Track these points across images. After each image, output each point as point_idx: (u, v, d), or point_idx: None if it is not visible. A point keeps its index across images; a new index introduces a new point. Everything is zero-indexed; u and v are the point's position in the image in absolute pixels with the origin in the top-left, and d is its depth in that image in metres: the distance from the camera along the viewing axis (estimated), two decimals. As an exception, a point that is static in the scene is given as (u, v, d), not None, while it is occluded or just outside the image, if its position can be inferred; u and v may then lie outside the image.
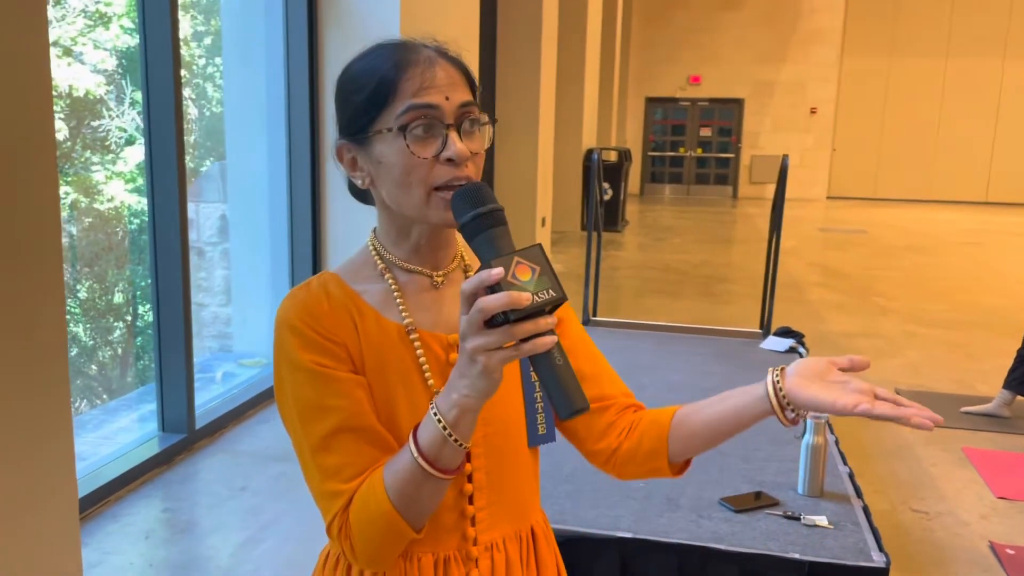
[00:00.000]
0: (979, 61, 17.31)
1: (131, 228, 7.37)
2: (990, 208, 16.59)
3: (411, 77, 0.95)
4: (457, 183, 0.94)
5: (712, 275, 8.86)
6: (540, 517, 1.14)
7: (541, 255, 0.83)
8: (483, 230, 0.87)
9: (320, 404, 0.95)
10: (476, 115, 0.97)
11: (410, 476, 0.90)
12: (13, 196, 2.02)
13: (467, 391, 0.85)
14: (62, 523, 2.27)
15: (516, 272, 0.81)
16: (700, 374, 3.56)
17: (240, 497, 3.23)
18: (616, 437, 1.11)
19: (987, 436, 4.29)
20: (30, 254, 2.10)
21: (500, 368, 0.84)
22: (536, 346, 0.81)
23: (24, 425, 2.12)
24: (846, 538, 2.12)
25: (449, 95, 0.95)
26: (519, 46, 8.58)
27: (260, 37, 4.66)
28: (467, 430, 0.89)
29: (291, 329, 0.97)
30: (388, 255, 1.04)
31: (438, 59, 0.97)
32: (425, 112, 0.94)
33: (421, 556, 1.01)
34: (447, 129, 0.94)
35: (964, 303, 7.65)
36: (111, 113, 7.26)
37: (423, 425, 0.91)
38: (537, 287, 0.81)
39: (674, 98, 18.23)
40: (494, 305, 0.80)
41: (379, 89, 0.95)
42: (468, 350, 0.83)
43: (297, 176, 4.67)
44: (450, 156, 0.94)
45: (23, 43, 2.01)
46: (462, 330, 0.83)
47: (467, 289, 0.82)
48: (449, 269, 1.05)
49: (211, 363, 4.79)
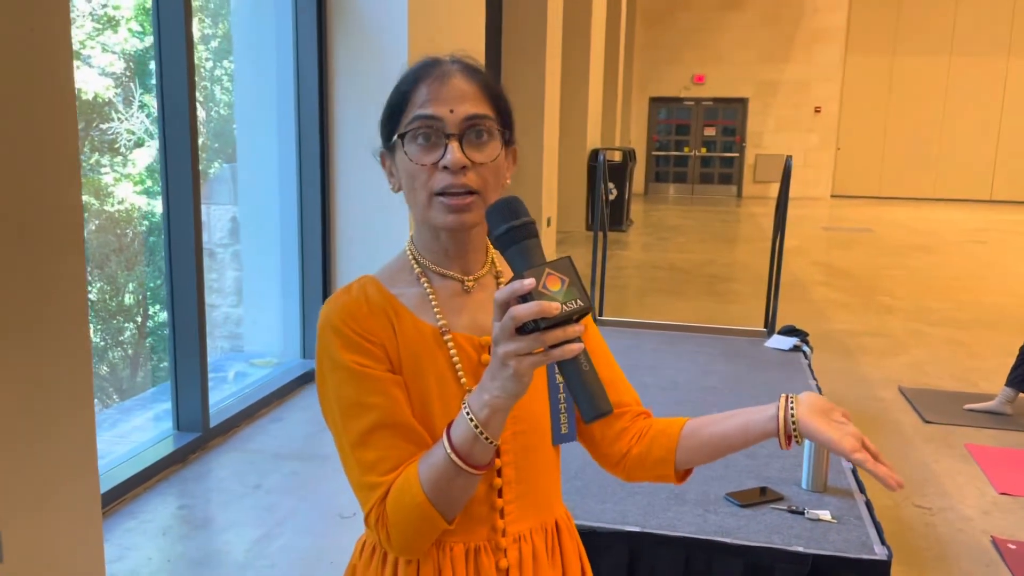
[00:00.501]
0: (983, 59, 17.31)
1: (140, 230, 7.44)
2: (994, 206, 16.59)
3: (420, 91, 1.02)
4: (454, 190, 1.01)
5: (716, 274, 8.90)
6: (563, 511, 1.20)
7: (570, 267, 0.88)
8: (516, 242, 0.92)
9: (359, 401, 1.02)
10: (484, 127, 1.03)
11: (443, 470, 0.96)
12: (40, 188, 2.08)
13: (498, 392, 0.91)
14: (84, 516, 2.33)
15: (547, 282, 0.87)
16: (705, 372, 3.61)
17: (254, 494, 3.30)
18: (627, 442, 1.18)
19: (989, 433, 4.34)
20: (53, 245, 2.16)
21: (530, 372, 0.89)
22: (564, 352, 0.87)
23: (46, 417, 2.18)
24: (849, 532, 2.17)
25: (455, 107, 1.01)
26: (524, 47, 8.63)
27: (270, 40, 4.72)
28: (497, 429, 0.95)
29: (333, 330, 1.04)
30: (422, 259, 1.10)
31: (455, 73, 1.03)
32: (426, 122, 1.01)
33: (453, 546, 1.07)
34: (448, 139, 1.01)
35: (968, 302, 7.68)
36: (120, 116, 7.33)
37: (456, 423, 0.97)
38: (566, 297, 0.87)
39: (678, 98, 18.26)
40: (525, 313, 0.85)
41: (397, 100, 1.04)
42: (500, 355, 0.89)
43: (307, 178, 4.73)
44: (445, 164, 1.00)
45: (47, 44, 2.07)
46: (495, 336, 0.89)
47: (500, 298, 0.87)
48: (480, 274, 1.11)
49: (223, 363, 4.86)
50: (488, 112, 1.04)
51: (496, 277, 1.14)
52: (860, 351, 5.94)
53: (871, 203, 16.94)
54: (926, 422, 4.49)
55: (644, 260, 9.77)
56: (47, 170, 2.11)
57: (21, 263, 2.05)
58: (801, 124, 17.76)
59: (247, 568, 2.76)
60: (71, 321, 2.22)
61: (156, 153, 7.14)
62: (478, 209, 1.03)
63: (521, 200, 0.95)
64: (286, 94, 4.70)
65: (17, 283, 2.05)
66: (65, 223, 2.18)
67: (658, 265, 9.42)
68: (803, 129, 17.77)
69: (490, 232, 0.94)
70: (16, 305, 2.05)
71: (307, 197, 4.75)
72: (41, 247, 2.11)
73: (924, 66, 17.57)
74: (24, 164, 2.04)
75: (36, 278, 2.10)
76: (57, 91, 2.11)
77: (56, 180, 2.14)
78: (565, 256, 0.90)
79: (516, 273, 0.89)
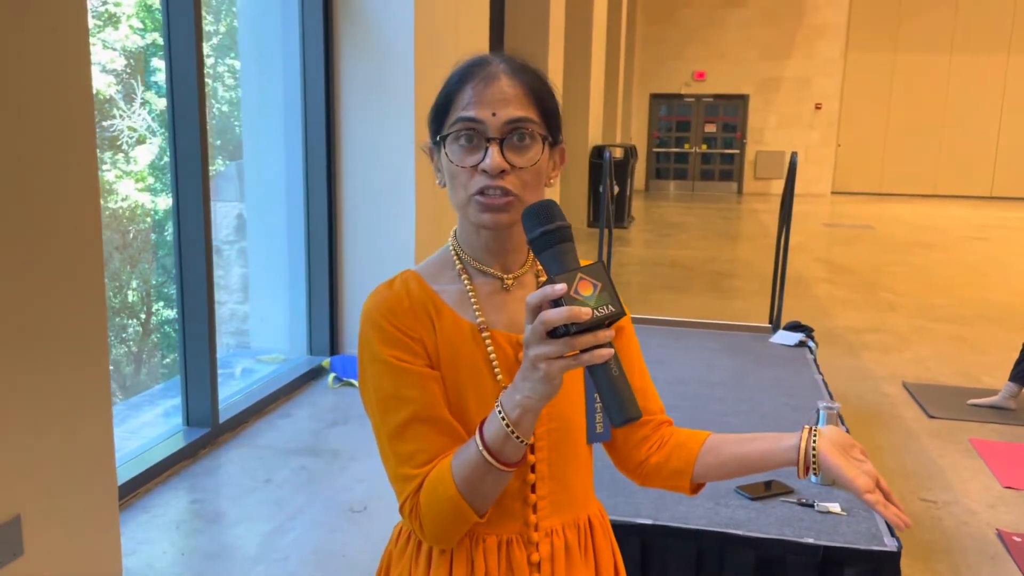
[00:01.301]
0: (983, 56, 17.33)
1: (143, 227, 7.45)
2: (995, 203, 16.61)
3: (465, 91, 1.03)
4: (491, 192, 1.02)
5: (719, 271, 8.92)
6: (597, 508, 1.22)
7: (603, 272, 0.89)
8: (550, 246, 0.93)
9: (397, 395, 1.04)
10: (527, 130, 1.03)
11: (475, 466, 0.99)
12: (58, 182, 2.10)
13: (529, 393, 0.93)
14: (102, 511, 2.35)
15: (579, 287, 0.88)
16: (711, 368, 3.63)
17: (265, 489, 3.32)
18: (647, 450, 1.21)
19: (993, 427, 4.36)
20: (72, 244, 2.18)
21: (560, 375, 0.91)
22: (594, 357, 0.88)
23: (65, 414, 2.20)
24: (859, 524, 2.19)
25: (497, 111, 1.02)
26: (526, 43, 8.64)
27: (276, 37, 4.74)
28: (528, 428, 0.96)
29: (373, 324, 1.06)
30: (464, 255, 1.12)
31: (500, 75, 1.04)
32: (468, 125, 1.02)
33: (486, 538, 1.09)
34: (488, 142, 1.02)
35: (970, 298, 7.70)
36: (121, 113, 7.34)
37: (489, 421, 0.99)
38: (598, 302, 0.88)
39: (679, 94, 18.27)
40: (556, 318, 0.87)
41: (443, 99, 1.06)
42: (531, 357, 0.90)
43: (313, 175, 4.75)
44: (484, 168, 1.02)
45: (68, 43, 2.09)
46: (526, 339, 0.91)
47: (532, 302, 0.89)
48: (519, 273, 1.13)
49: (230, 359, 4.88)
50: (531, 115, 1.04)
51: (536, 276, 1.15)
52: (863, 347, 5.97)
53: (872, 200, 16.96)
54: (930, 417, 4.51)
55: (647, 257, 9.79)
56: (67, 169, 2.13)
57: (41, 262, 2.07)
58: (802, 121, 17.77)
59: (260, 561, 2.79)
60: (89, 319, 2.24)
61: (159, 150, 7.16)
62: (515, 210, 1.04)
63: (556, 204, 0.96)
64: (292, 91, 4.72)
65: (38, 283, 2.07)
66: (83, 222, 2.20)
67: (660, 262, 9.44)
68: (804, 126, 17.78)
69: (526, 235, 0.95)
70: (37, 305, 2.07)
71: (313, 193, 4.77)
72: (60, 246, 2.13)
73: (925, 63, 17.58)
74: (45, 163, 2.06)
75: (56, 277, 2.12)
76: (78, 90, 2.13)
77: (75, 178, 2.16)
78: (598, 261, 0.91)
79: (549, 277, 0.90)
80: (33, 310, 2.06)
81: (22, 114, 1.96)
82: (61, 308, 2.15)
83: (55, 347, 2.14)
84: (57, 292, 2.13)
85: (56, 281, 2.13)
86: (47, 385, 2.13)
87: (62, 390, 2.18)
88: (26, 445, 2.07)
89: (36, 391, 2.09)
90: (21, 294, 2.02)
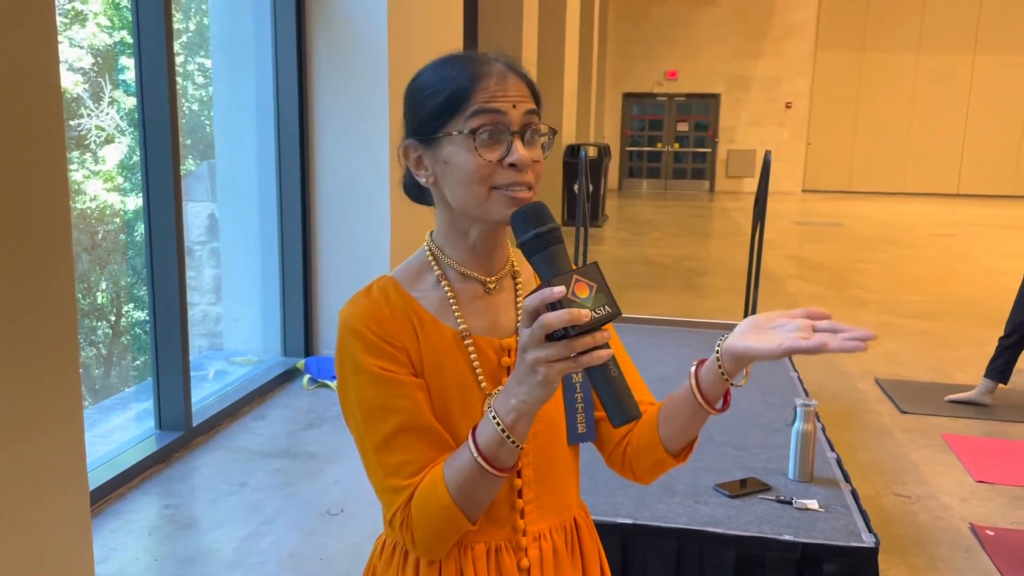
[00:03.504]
0: (950, 56, 17.60)
1: (112, 227, 7.34)
2: (962, 200, 16.88)
3: (485, 87, 1.01)
4: (518, 187, 1.00)
5: (693, 269, 8.97)
6: (581, 509, 1.21)
7: (598, 273, 0.89)
8: (542, 248, 0.92)
9: (383, 405, 1.02)
10: (538, 126, 1.04)
11: (469, 474, 0.97)
12: (28, 186, 2.06)
13: (525, 397, 0.92)
14: (73, 517, 2.30)
15: (575, 289, 0.87)
16: (687, 366, 3.63)
17: (240, 492, 3.28)
18: (627, 438, 1.19)
19: (965, 422, 4.42)
20: (41, 245, 2.13)
21: (559, 378, 0.90)
22: (593, 359, 0.87)
23: (34, 419, 2.16)
24: (836, 520, 2.21)
25: (516, 103, 1.02)
26: (500, 42, 8.63)
27: (248, 35, 4.68)
28: (523, 432, 0.95)
29: (354, 334, 1.03)
30: (444, 258, 1.09)
31: (509, 73, 1.04)
32: (493, 117, 1.00)
33: (474, 545, 1.08)
34: (512, 136, 1.01)
35: (939, 293, 7.82)
36: (89, 112, 7.22)
37: (481, 427, 0.97)
38: (595, 304, 0.87)
39: (651, 93, 18.36)
40: (556, 321, 0.86)
41: (454, 96, 1.01)
42: (529, 361, 0.89)
43: (286, 174, 4.70)
44: (513, 161, 1.00)
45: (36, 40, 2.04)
46: (523, 342, 0.89)
47: (530, 305, 0.87)
48: (500, 275, 1.11)
49: (202, 361, 4.82)
50: (538, 111, 1.05)
51: (514, 278, 1.14)
52: (836, 343, 6.02)
53: (842, 197, 17.16)
54: (903, 412, 4.57)
55: (621, 255, 9.82)
56: (35, 168, 2.09)
57: (9, 263, 2.03)
58: (772, 119, 17.94)
59: (236, 566, 2.75)
60: (59, 321, 2.20)
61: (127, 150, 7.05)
62: None
63: (546, 206, 0.95)
64: (265, 89, 4.66)
65: (5, 285, 2.02)
66: (53, 223, 2.15)
67: (635, 260, 9.47)
68: (774, 124, 17.95)
69: (516, 238, 0.94)
70: (5, 307, 2.02)
71: (286, 192, 4.72)
72: (29, 247, 2.09)
73: (892, 62, 17.82)
74: (12, 162, 2.01)
75: (24, 279, 2.08)
76: (46, 88, 2.08)
77: (44, 178, 2.12)
78: (593, 262, 0.90)
79: (543, 279, 0.89)
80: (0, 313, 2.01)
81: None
82: (30, 310, 2.11)
83: (23, 350, 2.09)
84: (26, 294, 2.09)
85: (24, 283, 2.08)
86: (15, 389, 2.08)
87: (31, 394, 2.13)
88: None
89: (3, 395, 2.04)
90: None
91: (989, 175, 17.69)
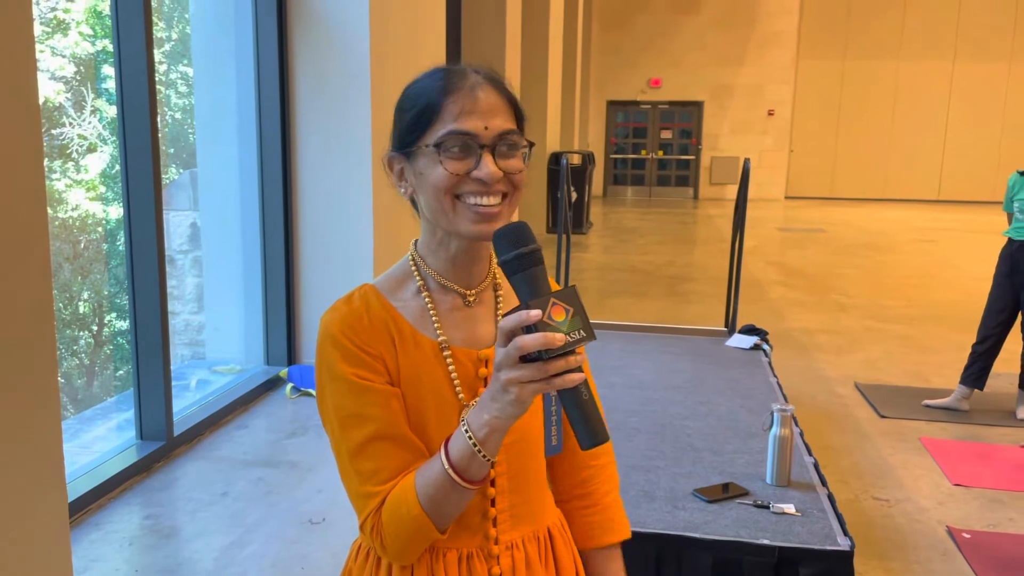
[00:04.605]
0: (929, 64, 17.79)
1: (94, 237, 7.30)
2: (942, 206, 17.04)
3: (455, 101, 1.02)
4: (483, 201, 1.02)
5: (676, 275, 9.02)
6: (556, 518, 1.22)
7: (575, 297, 0.90)
8: (522, 269, 0.93)
9: (358, 413, 1.04)
10: (513, 140, 1.05)
11: (439, 485, 0.99)
12: (3, 187, 2.06)
13: (498, 413, 0.93)
14: (52, 528, 2.30)
15: (552, 313, 0.88)
16: (670, 372, 3.67)
17: (222, 502, 3.27)
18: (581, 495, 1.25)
19: (942, 426, 4.47)
20: (17, 253, 2.13)
21: (531, 398, 0.91)
22: (565, 382, 0.89)
23: (11, 431, 2.15)
24: (813, 524, 2.23)
25: (488, 123, 1.02)
26: (483, 51, 8.66)
27: (230, 44, 4.68)
28: (495, 447, 0.97)
29: (332, 341, 1.05)
30: (426, 268, 1.11)
31: (483, 86, 1.04)
32: (462, 137, 1.02)
33: (446, 552, 1.09)
34: (481, 150, 1.02)
35: (919, 299, 7.89)
36: (71, 121, 7.19)
37: (454, 439, 0.98)
38: (570, 328, 0.88)
39: (635, 101, 18.45)
40: (530, 345, 0.87)
41: (426, 110, 1.04)
42: (502, 381, 0.90)
43: (269, 183, 4.70)
44: (480, 176, 1.01)
45: (12, 47, 2.05)
46: (498, 362, 0.91)
47: (506, 327, 0.89)
48: (481, 288, 1.12)
49: (184, 371, 4.80)
50: (515, 126, 1.06)
51: (495, 291, 1.15)
52: (816, 348, 6.08)
53: (824, 204, 17.29)
54: (882, 416, 4.61)
55: (605, 262, 9.86)
56: (11, 177, 2.09)
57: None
58: (755, 127, 18.06)
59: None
60: (37, 331, 2.19)
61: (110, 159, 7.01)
62: (504, 218, 1.03)
63: (528, 226, 0.96)
64: (247, 98, 4.67)
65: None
66: (29, 231, 2.15)
67: (619, 267, 9.51)
68: (757, 131, 18.07)
69: (497, 256, 0.95)
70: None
71: (269, 201, 4.72)
72: (4, 256, 2.09)
73: (873, 70, 17.99)
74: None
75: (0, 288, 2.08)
76: (22, 96, 2.09)
77: (20, 187, 2.12)
78: (571, 286, 0.91)
79: (522, 300, 0.90)
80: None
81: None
82: (6, 320, 2.11)
83: (0, 360, 2.09)
84: (1, 304, 2.08)
85: (0, 293, 2.08)
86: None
87: (8, 404, 2.13)
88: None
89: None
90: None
91: (969, 181, 17.87)
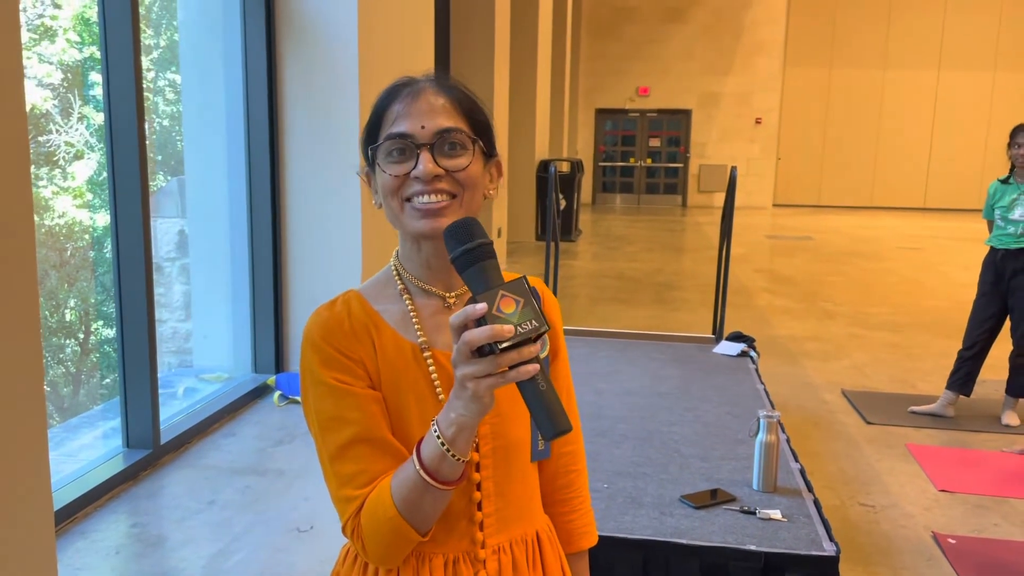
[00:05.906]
0: (915, 72, 17.94)
1: (81, 244, 7.26)
2: (928, 214, 17.16)
3: (394, 109, 1.07)
4: (426, 198, 1.04)
5: (665, 283, 9.04)
6: (544, 523, 1.22)
7: (524, 288, 0.90)
8: (471, 264, 0.94)
9: (338, 416, 1.05)
10: (456, 139, 1.05)
11: (413, 487, 0.99)
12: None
13: (462, 411, 0.94)
14: (37, 537, 2.28)
15: (501, 305, 0.88)
16: (657, 378, 3.68)
17: (209, 510, 3.26)
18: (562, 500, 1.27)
19: (927, 432, 4.50)
20: (2, 255, 2.12)
21: (489, 393, 0.92)
22: (520, 373, 0.89)
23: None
24: (799, 530, 2.25)
25: (426, 123, 1.05)
26: (472, 58, 8.69)
27: (218, 51, 4.68)
28: (464, 446, 0.97)
29: (313, 346, 1.06)
30: (406, 274, 1.13)
31: (427, 89, 1.07)
32: (398, 139, 1.05)
33: (432, 556, 1.09)
34: (419, 149, 1.04)
35: (905, 306, 7.94)
36: (58, 128, 7.16)
37: (425, 441, 0.99)
38: (520, 319, 0.88)
39: (623, 109, 18.51)
40: (479, 338, 0.88)
41: (372, 121, 1.09)
42: (459, 377, 0.92)
43: (257, 190, 4.70)
44: (416, 175, 1.04)
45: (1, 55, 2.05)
46: (453, 359, 0.92)
47: (455, 322, 0.90)
48: (461, 290, 1.13)
49: (171, 379, 4.78)
50: (461, 125, 1.06)
51: None
52: (803, 355, 6.10)
53: (811, 212, 17.38)
54: (868, 423, 4.64)
55: (594, 270, 9.88)
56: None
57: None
58: (743, 135, 18.15)
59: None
60: (23, 339, 2.19)
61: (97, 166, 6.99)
62: (453, 214, 1.04)
63: (477, 221, 0.97)
64: (235, 105, 4.66)
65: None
66: (16, 238, 2.15)
67: (608, 274, 9.53)
68: (745, 139, 18.16)
69: (448, 254, 0.96)
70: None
71: (257, 209, 4.71)
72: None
73: (859, 79, 18.12)
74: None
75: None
76: (9, 102, 2.08)
77: (7, 193, 2.11)
78: (520, 277, 0.92)
79: (473, 295, 0.91)
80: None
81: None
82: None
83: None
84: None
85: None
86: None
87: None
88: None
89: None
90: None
91: (955, 189, 18.01)
